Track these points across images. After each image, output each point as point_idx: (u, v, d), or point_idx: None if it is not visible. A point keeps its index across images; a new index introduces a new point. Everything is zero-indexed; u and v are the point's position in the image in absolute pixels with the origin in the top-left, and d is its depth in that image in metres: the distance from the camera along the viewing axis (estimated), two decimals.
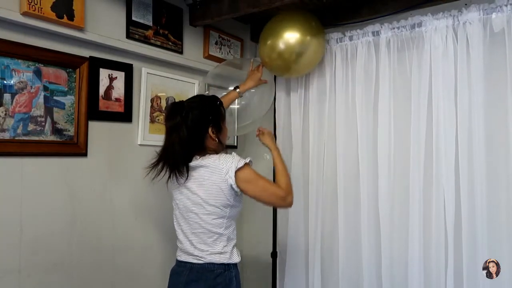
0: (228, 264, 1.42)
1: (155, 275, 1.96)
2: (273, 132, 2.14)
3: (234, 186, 1.37)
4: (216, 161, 1.39)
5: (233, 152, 1.45)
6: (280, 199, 1.45)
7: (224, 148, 1.52)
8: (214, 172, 1.38)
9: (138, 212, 1.90)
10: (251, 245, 2.54)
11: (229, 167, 1.37)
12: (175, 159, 1.40)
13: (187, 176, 1.40)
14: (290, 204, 1.49)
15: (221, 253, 1.41)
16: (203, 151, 1.44)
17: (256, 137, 1.84)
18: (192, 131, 1.40)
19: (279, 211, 2.32)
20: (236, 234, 1.49)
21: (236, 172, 1.36)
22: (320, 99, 2.13)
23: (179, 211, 1.48)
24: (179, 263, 1.48)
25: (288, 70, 2.00)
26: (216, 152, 1.47)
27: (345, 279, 1.99)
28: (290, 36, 1.90)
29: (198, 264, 1.41)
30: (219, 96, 1.81)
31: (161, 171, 1.44)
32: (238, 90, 1.94)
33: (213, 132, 1.45)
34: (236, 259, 1.44)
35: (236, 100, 2.04)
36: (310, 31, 1.92)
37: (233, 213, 1.45)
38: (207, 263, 1.40)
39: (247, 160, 1.41)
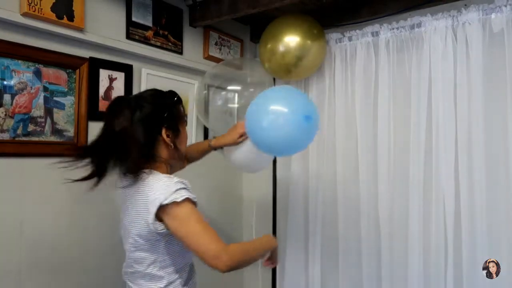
0: None
1: None
2: None
3: (152, 223, 1.08)
4: (147, 186, 1.12)
5: (176, 179, 1.12)
6: (210, 255, 1.05)
7: (182, 158, 1.29)
8: (141, 196, 1.12)
9: None
10: None
11: (156, 197, 1.07)
12: (102, 158, 1.15)
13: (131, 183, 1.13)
14: (223, 266, 1.05)
15: None
16: (150, 161, 1.16)
17: None
18: (137, 131, 1.12)
19: (278, 212, 2.32)
20: (189, 274, 1.22)
21: (165, 205, 1.06)
22: (319, 100, 2.13)
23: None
24: None
25: (288, 74, 2.01)
26: (169, 163, 1.22)
27: (345, 279, 2.00)
28: (291, 40, 1.90)
29: None
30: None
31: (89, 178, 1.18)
32: (211, 143, 1.55)
33: (167, 135, 1.18)
34: None
35: (236, 99, 2.04)
36: (310, 36, 1.92)
37: (173, 248, 1.16)
38: None
39: (191, 196, 1.10)
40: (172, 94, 1.27)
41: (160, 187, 1.09)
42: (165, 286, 1.15)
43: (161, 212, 1.08)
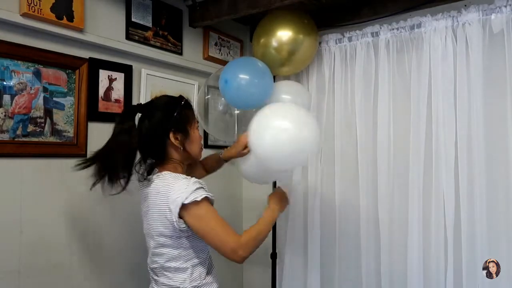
0: None
1: None
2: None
3: (176, 221, 1.17)
4: (167, 186, 1.20)
5: (194, 180, 1.22)
6: (227, 250, 1.18)
7: (197, 158, 1.37)
8: (161, 196, 1.20)
9: (138, 213, 1.90)
10: None
11: (178, 196, 1.16)
12: (114, 165, 1.22)
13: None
14: (239, 259, 1.19)
15: None
16: (165, 162, 1.28)
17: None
18: (147, 136, 1.25)
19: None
20: (210, 264, 1.33)
21: (186, 204, 1.15)
22: (318, 100, 2.13)
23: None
24: None
25: (281, 68, 2.00)
26: (182, 163, 1.31)
27: (344, 280, 1.99)
28: (283, 34, 1.89)
29: None
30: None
31: (100, 178, 1.24)
32: (221, 154, 1.66)
33: (176, 138, 1.27)
34: None
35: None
36: (302, 29, 1.90)
37: (196, 243, 1.25)
38: None
39: (209, 195, 1.20)
40: (179, 98, 1.34)
41: (180, 186, 1.18)
42: (189, 276, 1.24)
43: (183, 211, 1.17)
